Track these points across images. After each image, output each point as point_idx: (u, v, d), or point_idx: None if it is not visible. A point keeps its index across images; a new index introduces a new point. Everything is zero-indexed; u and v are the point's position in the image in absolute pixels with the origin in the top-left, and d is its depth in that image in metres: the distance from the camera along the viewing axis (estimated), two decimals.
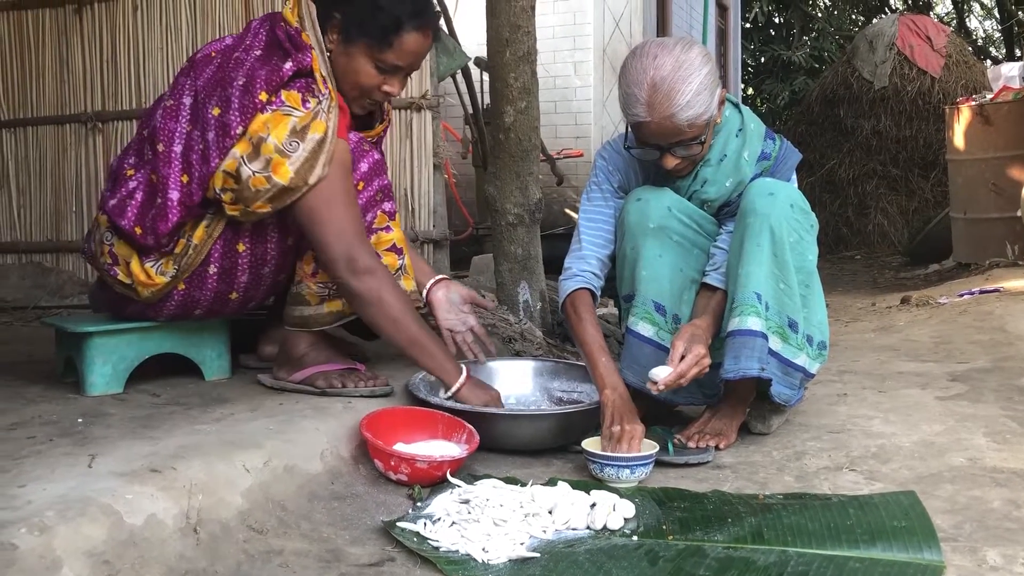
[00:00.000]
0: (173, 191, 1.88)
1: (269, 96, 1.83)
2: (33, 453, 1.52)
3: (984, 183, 6.19)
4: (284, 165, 1.81)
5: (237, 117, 1.83)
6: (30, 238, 3.94)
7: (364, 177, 1.98)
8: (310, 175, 1.82)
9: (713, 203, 2.06)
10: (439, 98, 3.46)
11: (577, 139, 7.88)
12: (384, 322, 1.90)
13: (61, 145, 3.89)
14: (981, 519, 1.52)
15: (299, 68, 1.86)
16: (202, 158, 1.87)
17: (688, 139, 1.91)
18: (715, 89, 1.90)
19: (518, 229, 2.93)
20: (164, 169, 1.89)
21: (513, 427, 1.93)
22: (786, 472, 1.83)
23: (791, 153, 2.08)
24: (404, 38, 1.92)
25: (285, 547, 1.42)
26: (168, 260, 1.94)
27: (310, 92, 1.86)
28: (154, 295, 1.96)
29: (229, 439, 1.62)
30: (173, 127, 1.91)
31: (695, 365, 1.82)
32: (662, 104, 1.85)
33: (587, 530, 1.52)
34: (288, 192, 1.83)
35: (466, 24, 5.64)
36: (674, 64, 1.85)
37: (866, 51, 9.96)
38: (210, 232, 1.93)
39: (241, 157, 1.82)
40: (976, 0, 18.55)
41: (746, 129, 2.04)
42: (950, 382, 2.53)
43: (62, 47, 3.86)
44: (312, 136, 1.82)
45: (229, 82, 1.86)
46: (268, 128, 1.82)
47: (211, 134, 1.86)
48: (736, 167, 2.03)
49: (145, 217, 1.91)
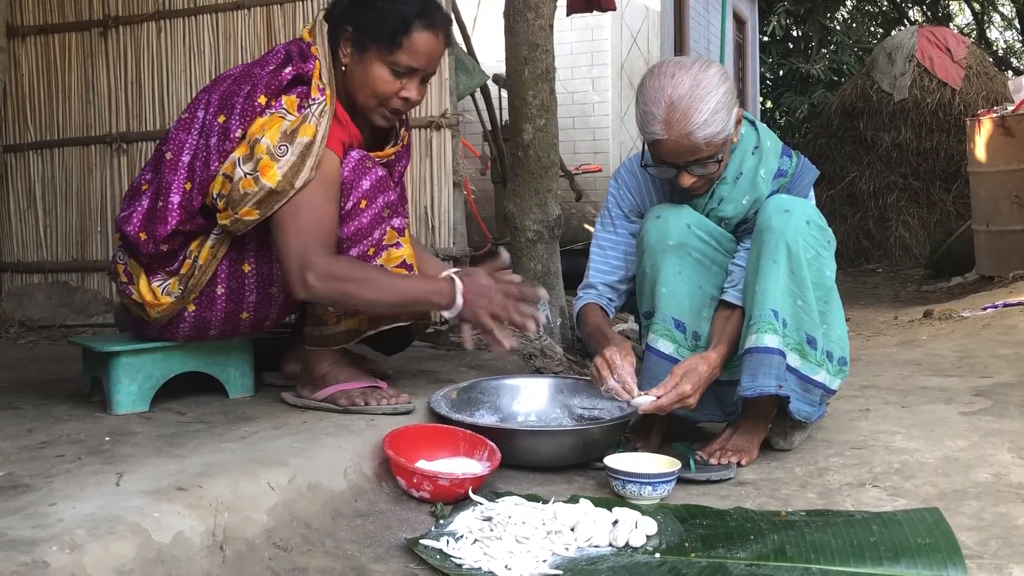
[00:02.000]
0: (175, 195, 1.92)
1: (269, 99, 1.87)
2: (63, 471, 1.55)
3: (1007, 195, 6.15)
4: (272, 168, 1.82)
5: (238, 121, 1.87)
6: (56, 258, 3.99)
7: (367, 195, 1.96)
8: (296, 179, 1.83)
9: (730, 221, 2.06)
10: (458, 116, 3.48)
11: (595, 155, 7.90)
12: (362, 309, 1.92)
13: (86, 166, 3.94)
14: (1007, 536, 1.51)
15: (298, 73, 1.90)
16: (204, 164, 1.91)
17: (705, 157, 1.91)
18: (732, 108, 1.91)
19: (537, 245, 2.95)
20: (169, 175, 1.94)
21: (534, 444, 1.94)
22: (809, 489, 1.82)
23: (808, 170, 2.08)
24: (413, 37, 1.93)
25: (310, 564, 1.44)
26: (174, 280, 1.97)
27: (306, 97, 1.89)
28: (162, 316, 1.99)
29: (254, 457, 1.64)
30: (184, 138, 1.96)
31: (676, 402, 1.86)
32: (679, 122, 1.86)
33: (609, 547, 1.52)
34: (275, 196, 1.83)
35: (485, 42, 5.68)
36: (692, 83, 1.86)
37: (885, 63, 9.93)
38: (215, 252, 1.96)
39: (238, 159, 1.86)
40: (996, 11, 18.45)
41: (762, 147, 2.05)
42: (974, 397, 2.51)
43: (87, 69, 3.91)
44: (300, 140, 1.84)
45: (237, 92, 1.91)
46: (264, 130, 1.85)
47: (213, 139, 1.90)
48: (753, 185, 2.03)
49: (148, 223, 1.95)
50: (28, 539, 1.21)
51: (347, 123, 1.97)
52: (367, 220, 1.97)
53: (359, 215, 1.96)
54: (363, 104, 1.99)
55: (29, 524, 1.27)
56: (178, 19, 3.78)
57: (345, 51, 1.97)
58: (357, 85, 1.97)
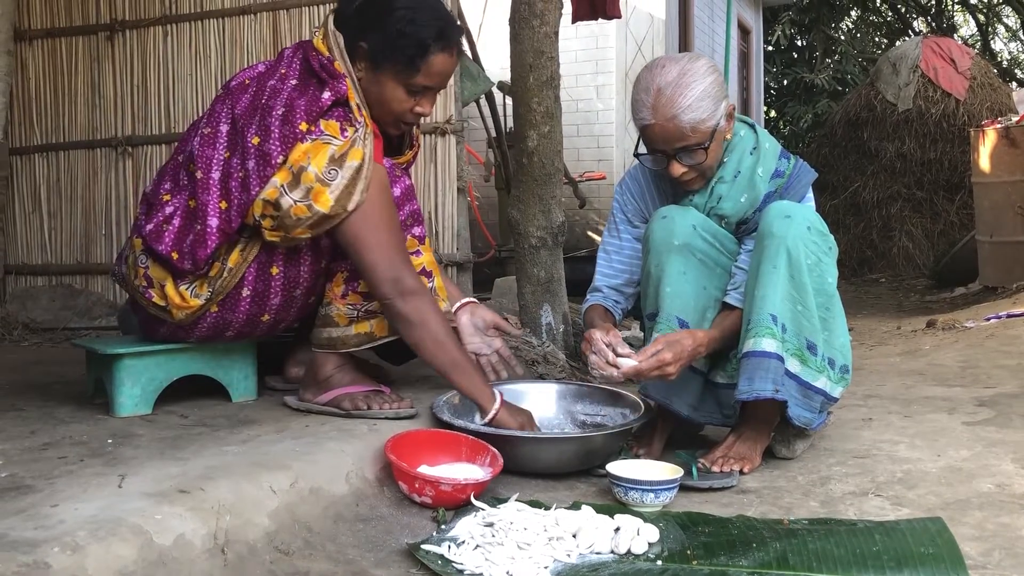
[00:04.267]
0: (212, 218, 1.91)
1: (309, 126, 1.86)
2: (65, 473, 1.55)
3: (1011, 206, 6.14)
4: (325, 193, 1.84)
5: (278, 147, 1.86)
6: (60, 260, 4.00)
7: (397, 202, 2.01)
8: (348, 202, 1.85)
9: (730, 219, 2.08)
10: (463, 122, 3.49)
11: (599, 162, 7.92)
12: (429, 343, 1.93)
13: (92, 169, 3.95)
14: (1010, 546, 1.50)
15: (337, 97, 1.90)
16: (242, 186, 1.89)
17: (692, 145, 1.95)
18: (720, 99, 1.97)
19: (541, 252, 2.95)
20: (203, 196, 1.92)
21: (537, 450, 1.94)
22: (811, 497, 1.82)
23: (805, 171, 2.10)
24: (431, 60, 1.96)
25: (311, 569, 1.44)
26: (203, 283, 1.96)
27: (348, 121, 1.89)
28: (188, 317, 1.98)
29: (256, 460, 1.64)
30: (211, 154, 1.94)
31: (655, 369, 1.87)
32: (665, 107, 1.92)
33: (611, 554, 1.52)
34: (328, 219, 1.86)
35: (489, 49, 5.70)
36: (679, 71, 1.95)
37: (889, 73, 9.93)
38: (245, 256, 1.96)
39: (282, 186, 1.85)
40: (1001, 22, 18.47)
41: (760, 148, 2.08)
42: (977, 407, 2.51)
43: (94, 73, 3.93)
44: (350, 164, 1.85)
45: (268, 111, 1.89)
46: (308, 158, 1.85)
47: (251, 162, 1.88)
48: (750, 183, 2.05)
49: (183, 242, 1.94)
50: (30, 540, 1.21)
51: (378, 133, 1.99)
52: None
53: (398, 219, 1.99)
54: (376, 116, 2.01)
55: (31, 525, 1.27)
56: (184, 23, 3.80)
57: (359, 66, 1.97)
58: (371, 99, 1.99)
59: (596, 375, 1.93)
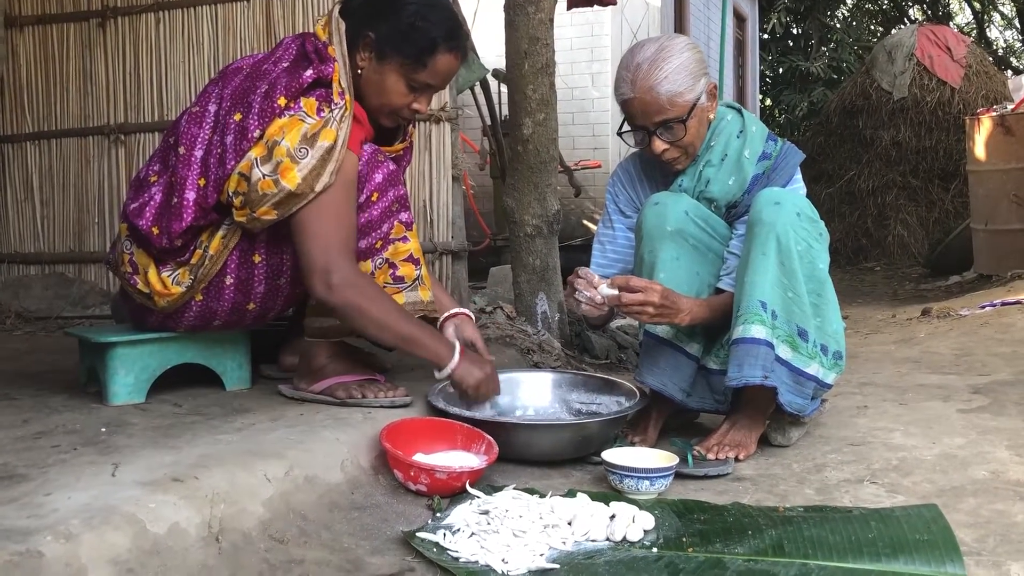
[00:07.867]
0: (189, 192, 1.90)
1: (288, 101, 1.85)
2: (58, 462, 1.54)
3: (1005, 194, 6.15)
4: (292, 170, 1.82)
5: (256, 121, 1.85)
6: (53, 249, 3.98)
7: (379, 188, 1.98)
8: (317, 182, 1.83)
9: (719, 203, 2.09)
10: (458, 110, 3.48)
11: (595, 150, 7.90)
12: (372, 329, 1.90)
13: (84, 157, 3.93)
14: (1005, 533, 1.51)
15: (319, 77, 1.88)
16: (219, 161, 1.89)
17: (671, 119, 1.98)
18: (699, 75, 2.00)
19: (536, 240, 2.94)
20: (183, 171, 1.92)
21: (532, 438, 1.93)
22: (806, 484, 1.82)
23: (792, 152, 2.11)
24: (438, 59, 1.96)
25: (306, 557, 1.43)
26: (184, 270, 1.96)
27: (326, 101, 1.87)
28: (170, 305, 1.98)
29: (250, 449, 1.63)
30: (196, 132, 1.94)
31: (637, 304, 1.89)
32: (644, 79, 1.97)
33: (606, 542, 1.52)
34: (294, 198, 1.83)
35: (484, 36, 5.67)
36: (658, 47, 2.00)
37: (885, 62, 9.92)
38: (226, 243, 1.94)
39: (255, 159, 1.84)
40: (997, 10, 18.45)
41: (747, 131, 2.09)
42: (972, 395, 2.51)
43: (86, 60, 3.90)
44: (321, 144, 1.83)
45: (253, 90, 1.89)
46: (283, 132, 1.83)
47: (230, 137, 1.88)
48: (738, 165, 2.07)
49: (162, 218, 1.93)
50: (23, 529, 1.20)
51: (364, 121, 1.98)
52: (377, 213, 1.98)
53: (370, 208, 1.97)
54: (373, 107, 2.00)
55: (24, 514, 1.26)
56: (177, 10, 3.77)
57: (363, 55, 1.96)
58: (371, 90, 1.98)
59: (579, 298, 1.95)
